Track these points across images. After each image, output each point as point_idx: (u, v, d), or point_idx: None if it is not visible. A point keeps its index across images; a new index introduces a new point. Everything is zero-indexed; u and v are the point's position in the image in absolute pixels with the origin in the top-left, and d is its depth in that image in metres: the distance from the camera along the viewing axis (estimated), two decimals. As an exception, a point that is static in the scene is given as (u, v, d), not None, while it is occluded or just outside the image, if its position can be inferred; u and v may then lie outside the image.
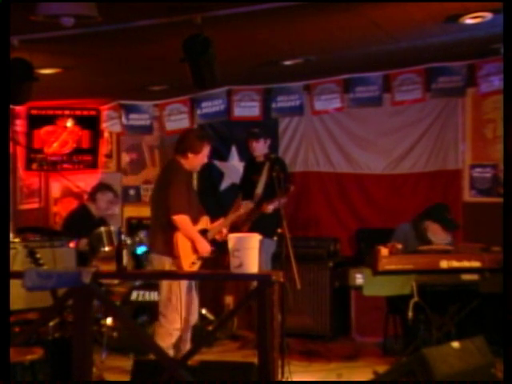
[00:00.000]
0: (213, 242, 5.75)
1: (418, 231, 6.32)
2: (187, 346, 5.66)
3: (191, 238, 5.53)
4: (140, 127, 7.94)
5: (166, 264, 5.51)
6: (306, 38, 5.53)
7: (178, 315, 5.48)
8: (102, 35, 4.96)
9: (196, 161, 5.67)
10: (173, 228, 5.48)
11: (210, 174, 8.19)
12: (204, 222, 5.74)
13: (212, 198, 7.90)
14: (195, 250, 5.56)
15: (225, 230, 5.81)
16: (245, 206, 6.04)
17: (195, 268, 5.54)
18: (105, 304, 5.46)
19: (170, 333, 5.53)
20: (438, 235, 6.26)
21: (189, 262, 5.50)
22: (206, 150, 5.68)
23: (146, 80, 7.03)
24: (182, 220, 5.47)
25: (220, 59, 4.88)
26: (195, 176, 8.28)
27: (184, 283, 5.54)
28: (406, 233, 6.38)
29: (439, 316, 5.88)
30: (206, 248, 5.59)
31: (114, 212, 8.10)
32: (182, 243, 5.47)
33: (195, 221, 5.62)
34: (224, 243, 4.47)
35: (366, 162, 7.66)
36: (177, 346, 5.59)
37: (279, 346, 4.33)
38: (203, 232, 5.67)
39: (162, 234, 5.53)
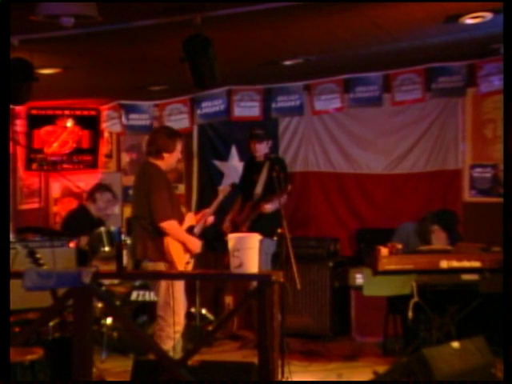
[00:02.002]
0: (201, 236, 5.71)
1: (421, 231, 6.33)
2: (180, 346, 5.67)
3: (182, 241, 5.46)
4: (140, 127, 7.93)
5: (162, 270, 5.48)
6: (306, 38, 5.53)
7: (177, 318, 5.46)
8: (102, 35, 4.96)
9: (172, 159, 5.57)
10: (161, 234, 5.39)
11: (210, 174, 8.19)
12: (190, 218, 5.68)
13: (212, 198, 7.89)
14: (187, 250, 5.51)
15: (211, 218, 5.80)
16: (223, 190, 6.01)
17: (190, 267, 5.54)
18: (105, 304, 5.46)
19: (171, 336, 5.50)
20: (440, 240, 6.28)
21: (183, 263, 5.47)
22: (179, 146, 5.59)
23: (146, 80, 7.03)
24: (170, 226, 5.38)
25: (220, 59, 4.88)
26: (195, 176, 8.32)
27: (181, 286, 5.52)
28: (408, 232, 6.39)
29: (439, 316, 5.88)
30: (197, 245, 5.53)
31: (113, 212, 8.10)
32: (173, 247, 5.40)
33: (181, 220, 5.55)
34: (224, 242, 4.46)
35: (366, 162, 7.66)
36: (174, 347, 5.58)
37: (279, 346, 4.33)
38: (191, 229, 5.61)
39: (152, 241, 5.43)
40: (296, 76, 7.04)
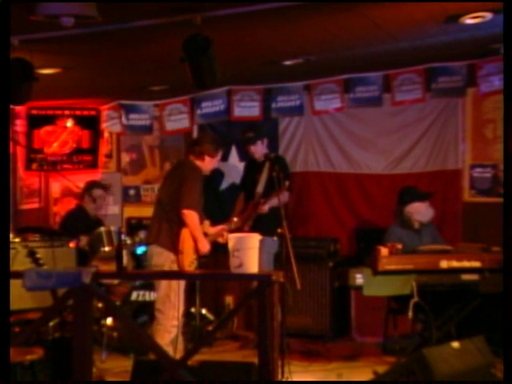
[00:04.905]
0: (212, 243, 5.80)
1: (404, 222, 6.40)
2: (182, 345, 5.69)
3: (195, 236, 5.61)
4: (140, 127, 7.93)
5: (169, 259, 5.56)
6: (306, 38, 5.53)
7: (176, 312, 5.51)
8: (102, 35, 4.97)
9: (210, 164, 5.91)
10: (180, 224, 5.56)
11: (210, 173, 8.17)
12: (205, 225, 5.84)
13: (212, 198, 7.90)
14: (195, 250, 5.61)
15: (226, 234, 5.86)
16: (236, 223, 6.11)
17: (192, 268, 5.60)
18: (105, 304, 5.46)
19: (169, 330, 5.56)
20: (421, 211, 6.41)
21: (189, 260, 5.55)
22: (219, 156, 5.98)
23: (146, 80, 7.03)
24: (191, 216, 5.56)
25: (220, 59, 4.88)
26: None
27: (182, 281, 5.58)
28: (397, 233, 6.40)
29: (439, 316, 5.88)
30: (206, 246, 5.68)
31: (107, 208, 8.11)
32: (187, 240, 5.56)
33: (201, 220, 5.71)
34: (225, 244, 4.48)
35: (366, 162, 7.66)
36: (173, 343, 5.59)
37: (279, 346, 4.33)
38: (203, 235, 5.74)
39: (168, 228, 5.62)
40: (296, 76, 7.04)
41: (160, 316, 5.60)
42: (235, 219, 6.16)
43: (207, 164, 5.87)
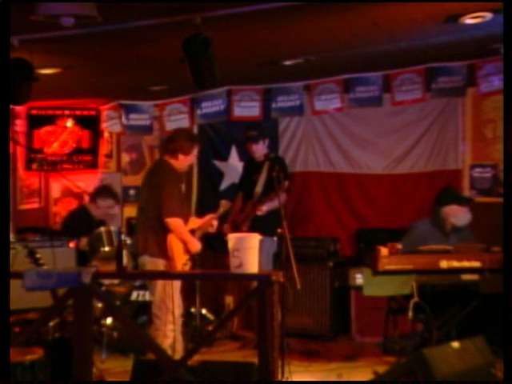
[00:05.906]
0: (201, 239, 5.78)
1: (437, 221, 6.30)
2: (181, 346, 5.68)
3: (184, 240, 5.54)
4: (140, 127, 7.94)
5: (160, 266, 5.51)
6: (306, 38, 5.53)
7: (171, 316, 5.49)
8: (102, 35, 4.97)
9: (186, 161, 5.72)
10: (165, 230, 5.48)
11: (210, 174, 8.19)
12: (192, 221, 5.77)
13: (212, 198, 7.90)
14: (186, 251, 5.58)
15: (215, 223, 5.83)
16: (224, 205, 6.03)
17: (186, 269, 5.58)
18: (105, 304, 5.46)
19: (167, 335, 5.53)
20: (459, 215, 6.28)
21: (181, 263, 5.51)
22: (195, 151, 5.75)
23: (145, 80, 7.03)
24: (175, 223, 5.48)
25: (220, 59, 4.88)
26: (195, 176, 8.33)
27: (177, 284, 5.55)
28: (424, 229, 6.33)
29: (439, 316, 5.88)
30: (197, 246, 5.62)
31: (113, 213, 8.10)
32: (175, 245, 5.48)
33: (185, 221, 5.63)
34: (224, 242, 4.47)
35: (366, 162, 7.66)
36: (172, 346, 5.59)
37: (279, 346, 4.33)
38: (191, 232, 5.69)
39: (155, 236, 5.52)
40: (296, 76, 7.04)
41: (157, 322, 5.58)
42: (222, 201, 6.03)
43: (182, 162, 5.67)
